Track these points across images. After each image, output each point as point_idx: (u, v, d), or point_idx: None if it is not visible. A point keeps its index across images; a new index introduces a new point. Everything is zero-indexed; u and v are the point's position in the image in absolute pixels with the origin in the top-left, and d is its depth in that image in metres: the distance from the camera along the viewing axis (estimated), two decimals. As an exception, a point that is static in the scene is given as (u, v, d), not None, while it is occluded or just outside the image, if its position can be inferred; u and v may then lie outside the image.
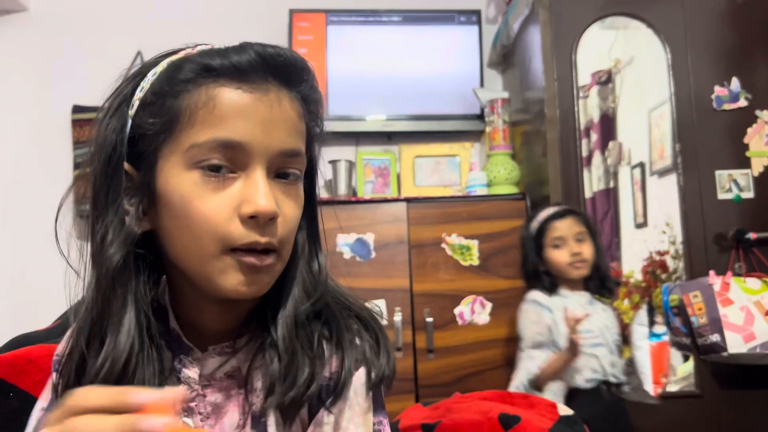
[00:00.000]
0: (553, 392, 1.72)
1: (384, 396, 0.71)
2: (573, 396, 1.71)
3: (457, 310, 2.02)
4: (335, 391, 0.66)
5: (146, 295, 0.64)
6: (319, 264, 0.70)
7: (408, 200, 2.09)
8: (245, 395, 0.68)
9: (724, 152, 2.01)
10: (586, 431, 1.22)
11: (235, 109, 0.61)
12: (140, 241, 0.64)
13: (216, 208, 0.60)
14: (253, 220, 0.60)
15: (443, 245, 2.05)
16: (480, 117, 2.43)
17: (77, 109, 2.32)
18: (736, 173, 2.00)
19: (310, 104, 0.68)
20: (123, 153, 0.63)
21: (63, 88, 2.37)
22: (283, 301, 0.68)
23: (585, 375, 1.73)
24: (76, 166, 2.28)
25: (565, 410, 1.25)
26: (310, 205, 0.71)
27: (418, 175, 2.38)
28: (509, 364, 1.99)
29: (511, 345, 2.00)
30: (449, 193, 2.31)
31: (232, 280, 0.61)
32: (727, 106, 2.02)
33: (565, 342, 1.68)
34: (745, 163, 2.00)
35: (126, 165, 0.63)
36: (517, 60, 2.35)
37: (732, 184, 1.99)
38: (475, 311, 2.02)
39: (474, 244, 2.06)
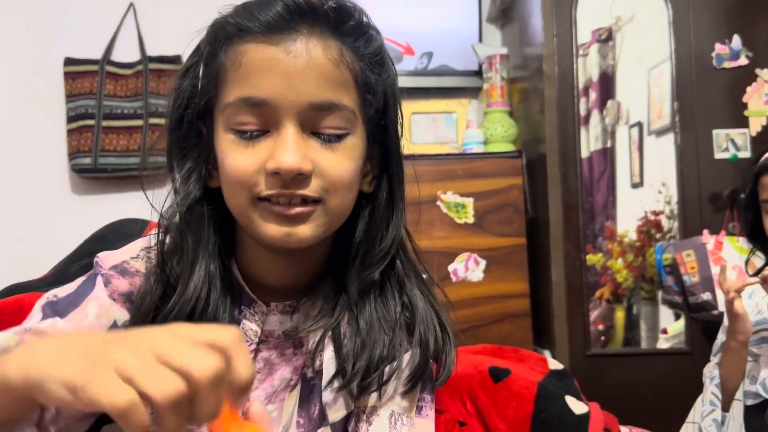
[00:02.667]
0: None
1: None
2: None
3: (451, 267, 2.03)
4: (405, 384, 0.68)
5: (215, 245, 0.66)
6: (388, 230, 0.69)
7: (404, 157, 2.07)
8: (300, 356, 0.69)
9: (722, 111, 2.00)
10: (576, 385, 1.24)
11: (259, 65, 0.60)
12: (213, 197, 0.66)
13: (244, 162, 0.61)
14: (278, 176, 0.60)
15: (438, 203, 2.05)
16: (478, 73, 2.40)
17: (69, 61, 2.28)
18: (734, 133, 1.99)
19: (360, 48, 0.64)
20: (193, 113, 0.65)
21: (55, 41, 2.33)
22: (353, 258, 0.68)
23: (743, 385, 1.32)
24: (69, 119, 2.25)
25: (555, 364, 1.26)
26: (389, 162, 0.69)
27: (414, 132, 2.37)
28: (501, 320, 2.01)
29: (503, 301, 2.02)
30: (445, 151, 2.30)
31: (268, 229, 0.62)
32: (727, 65, 2.00)
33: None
34: (743, 123, 1.99)
35: (201, 125, 0.65)
36: (517, 15, 2.31)
37: (729, 144, 1.98)
38: (468, 268, 2.03)
39: (469, 201, 2.06)
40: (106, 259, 0.68)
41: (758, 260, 1.44)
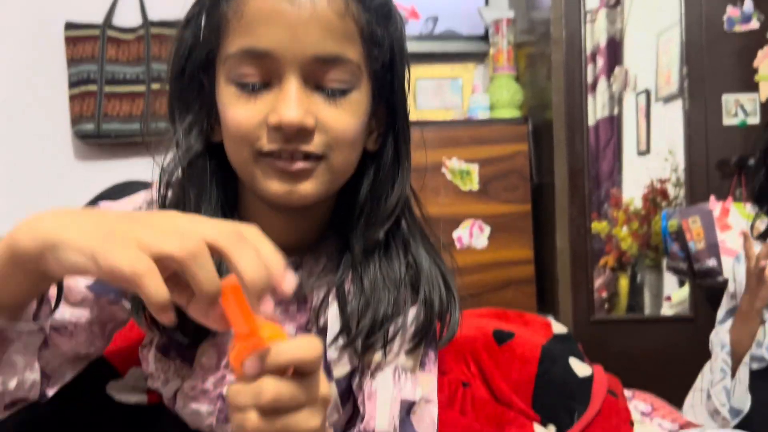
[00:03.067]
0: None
1: None
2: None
3: (455, 234, 2.03)
4: (409, 341, 0.68)
5: (218, 200, 0.65)
6: (393, 189, 0.68)
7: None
8: (304, 314, 0.69)
9: (732, 76, 1.97)
10: (580, 349, 1.25)
11: (262, 15, 0.58)
12: (215, 151, 0.65)
13: (246, 115, 0.60)
14: (280, 131, 0.59)
15: (443, 169, 2.04)
16: (484, 38, 2.37)
17: (70, 25, 2.26)
18: (744, 98, 1.96)
19: (366, 1, 0.62)
20: (195, 64, 0.63)
21: (55, 4, 2.31)
22: (357, 217, 0.67)
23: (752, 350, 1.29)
24: (71, 84, 2.23)
25: (559, 328, 1.27)
26: (395, 120, 0.67)
27: (419, 98, 2.35)
28: (506, 286, 2.01)
29: (508, 268, 2.02)
30: (450, 117, 2.28)
31: (270, 186, 0.61)
32: (738, 28, 1.96)
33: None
34: (754, 88, 1.96)
35: (203, 77, 0.64)
36: (524, -23, 2.28)
37: (738, 110, 1.96)
38: (473, 235, 2.03)
39: (474, 168, 2.04)
40: (109, 208, 0.68)
41: (763, 225, 1.43)
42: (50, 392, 0.62)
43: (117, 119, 2.21)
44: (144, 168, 0.70)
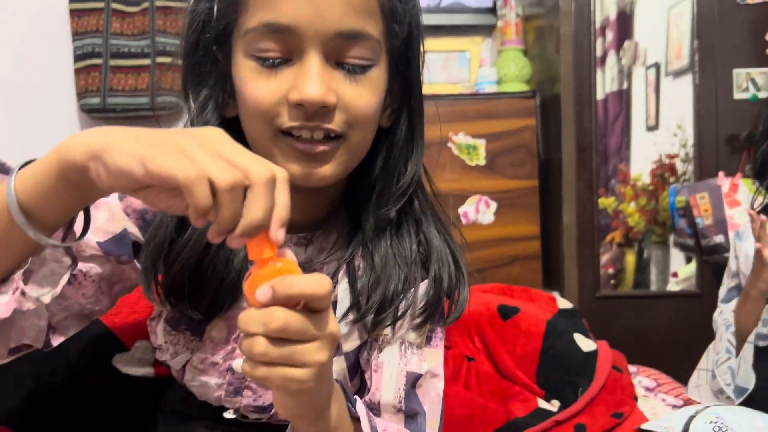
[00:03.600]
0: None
1: None
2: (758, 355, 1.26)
3: (461, 210, 2.02)
4: (417, 317, 0.68)
5: None
6: (406, 167, 0.67)
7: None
8: None
9: (743, 50, 1.94)
10: (585, 324, 1.25)
11: None
12: (228, 127, 0.64)
13: (265, 91, 0.59)
14: (301, 108, 0.58)
15: (449, 144, 2.03)
16: (492, 10, 2.33)
17: (74, -3, 2.25)
18: (755, 72, 1.93)
19: None
20: (210, 37, 0.63)
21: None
22: (369, 194, 0.67)
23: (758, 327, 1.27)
24: (77, 58, 2.22)
25: (564, 303, 1.27)
26: (410, 96, 0.67)
27: (426, 72, 2.32)
28: (512, 262, 2.01)
29: (514, 244, 2.01)
30: (458, 91, 2.26)
31: (289, 168, 0.60)
32: (751, 0, 1.93)
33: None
34: (765, 62, 1.93)
35: (216, 51, 0.63)
36: (533, -51, 2.24)
37: (750, 83, 1.93)
38: (479, 211, 2.02)
39: (481, 143, 2.03)
40: None
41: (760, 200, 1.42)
42: (55, 342, 0.62)
43: (122, 93, 2.20)
44: (149, 142, 0.70)
